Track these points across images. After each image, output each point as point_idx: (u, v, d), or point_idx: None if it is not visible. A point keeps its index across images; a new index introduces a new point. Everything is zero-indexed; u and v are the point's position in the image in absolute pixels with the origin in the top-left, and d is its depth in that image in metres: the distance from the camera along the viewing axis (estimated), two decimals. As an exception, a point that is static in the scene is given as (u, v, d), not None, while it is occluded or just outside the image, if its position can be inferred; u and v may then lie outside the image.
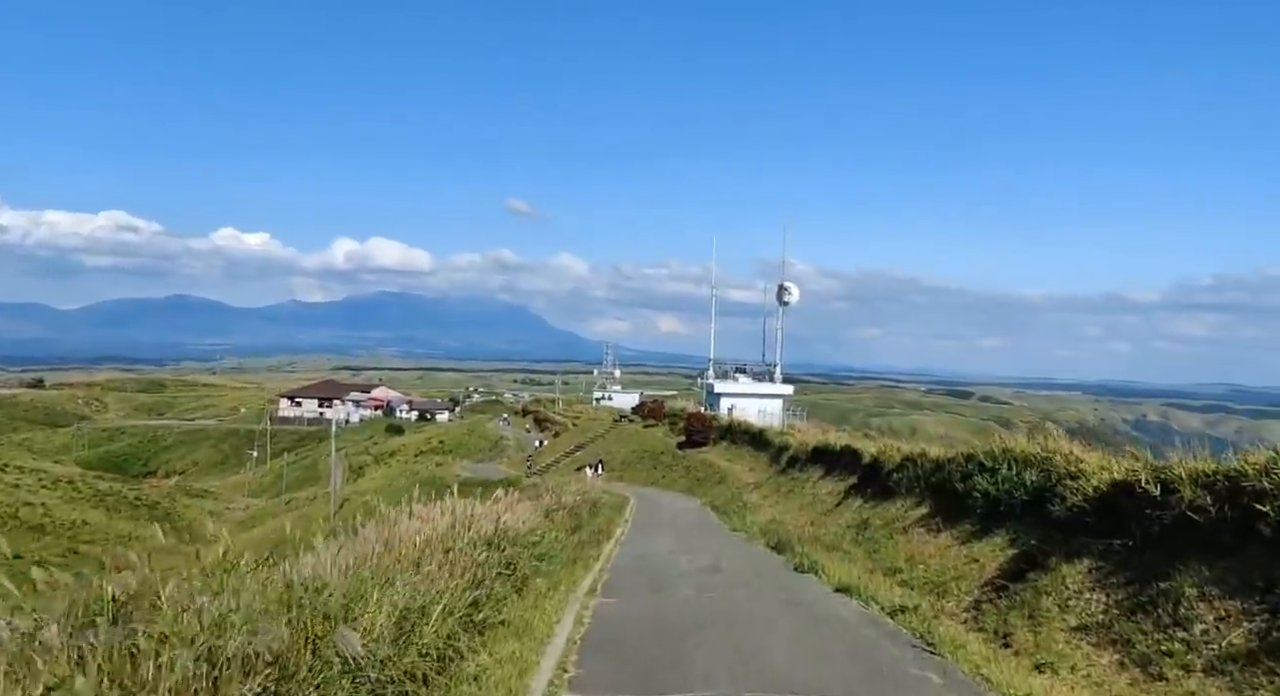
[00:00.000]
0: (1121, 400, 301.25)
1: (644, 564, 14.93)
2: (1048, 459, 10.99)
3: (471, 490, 47.40)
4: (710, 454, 45.44)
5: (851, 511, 20.20)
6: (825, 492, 24.48)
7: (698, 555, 16.02)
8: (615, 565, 14.69)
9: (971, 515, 12.69)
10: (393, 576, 6.71)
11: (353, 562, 7.04)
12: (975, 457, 13.54)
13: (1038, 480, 10.92)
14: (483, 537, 10.86)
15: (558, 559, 14.27)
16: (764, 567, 14.41)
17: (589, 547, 16.24)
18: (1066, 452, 10.81)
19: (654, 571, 13.79)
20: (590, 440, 62.36)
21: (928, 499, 15.53)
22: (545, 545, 14.57)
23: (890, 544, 15.08)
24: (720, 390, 60.65)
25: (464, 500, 12.61)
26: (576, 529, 23.18)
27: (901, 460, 18.14)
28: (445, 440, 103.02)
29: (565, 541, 18.15)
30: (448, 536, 9.67)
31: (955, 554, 11.88)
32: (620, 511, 29.79)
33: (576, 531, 22.68)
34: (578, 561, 14.22)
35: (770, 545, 17.69)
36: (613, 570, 14.00)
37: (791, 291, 63.95)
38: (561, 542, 17.31)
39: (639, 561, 15.28)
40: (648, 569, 14.17)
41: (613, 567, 14.32)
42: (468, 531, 10.13)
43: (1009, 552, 10.35)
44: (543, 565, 13.47)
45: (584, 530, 22.49)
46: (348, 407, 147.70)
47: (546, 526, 19.41)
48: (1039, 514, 10.39)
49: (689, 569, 13.96)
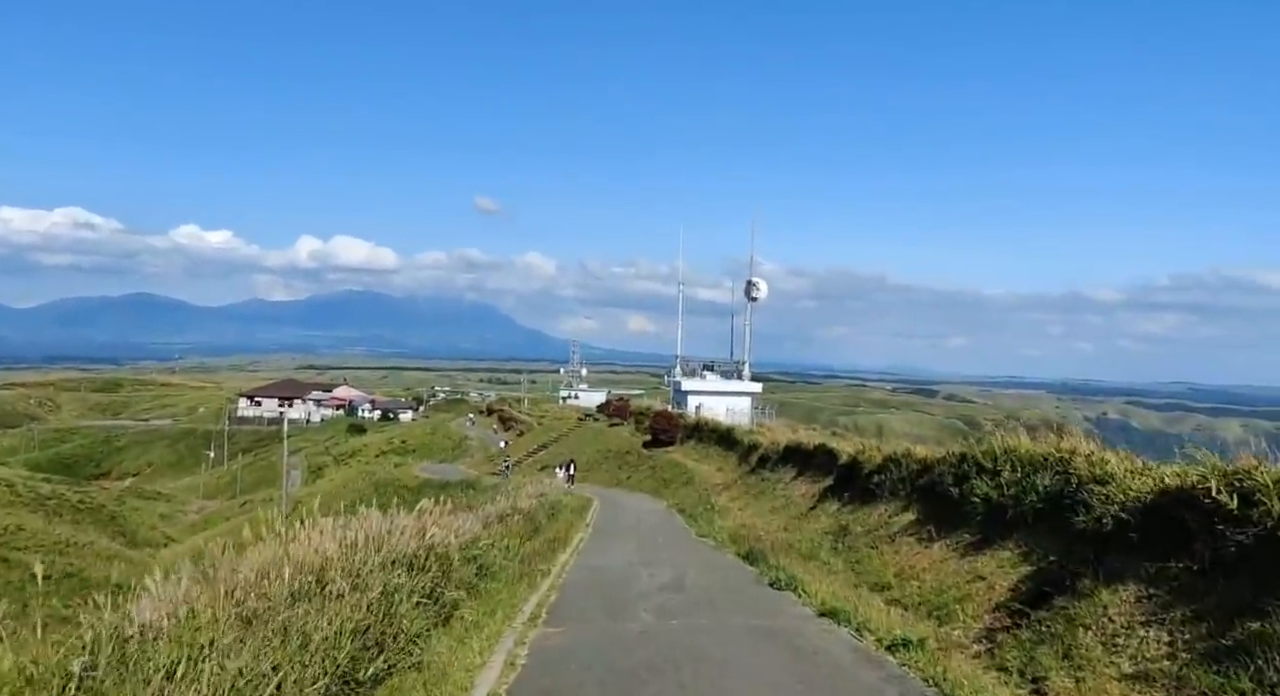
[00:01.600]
0: (1083, 398, 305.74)
1: (600, 579, 13.20)
2: (1064, 460, 9.48)
3: (428, 492, 45.25)
4: (677, 453, 43.90)
5: (828, 516, 18.68)
6: (799, 495, 22.98)
7: (661, 568, 14.34)
8: (568, 581, 12.94)
9: (969, 523, 11.15)
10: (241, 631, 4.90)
11: (195, 607, 5.22)
12: (971, 458, 12.01)
13: (1053, 484, 9.41)
14: (402, 558, 9.06)
15: (501, 576, 12.51)
16: (735, 583, 12.76)
17: (539, 561, 14.48)
18: (1087, 453, 9.29)
19: (610, 589, 12.07)
20: (553, 439, 60.49)
21: (915, 503, 14.00)
22: (488, 559, 12.81)
23: (875, 554, 13.51)
24: (688, 388, 59.34)
25: (383, 512, 10.85)
26: (533, 535, 21.46)
27: (883, 461, 16.62)
28: (408, 440, 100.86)
29: (516, 552, 16.40)
30: (350, 558, 7.86)
31: (954, 568, 10.33)
32: (581, 515, 28.10)
33: (533, 538, 20.97)
34: (524, 578, 12.46)
35: (741, 554, 16.07)
36: (564, 588, 12.26)
37: (760, 287, 62.85)
38: (511, 554, 15.55)
39: (595, 576, 13.55)
40: (603, 586, 12.44)
41: (564, 584, 12.57)
42: (377, 553, 8.33)
43: (1023, 570, 8.78)
44: (482, 585, 11.70)
45: (540, 537, 20.78)
46: (309, 407, 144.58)
47: (497, 534, 17.66)
48: (1056, 524, 8.87)
49: (649, 586, 12.26)
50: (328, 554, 7.28)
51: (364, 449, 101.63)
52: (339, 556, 7.65)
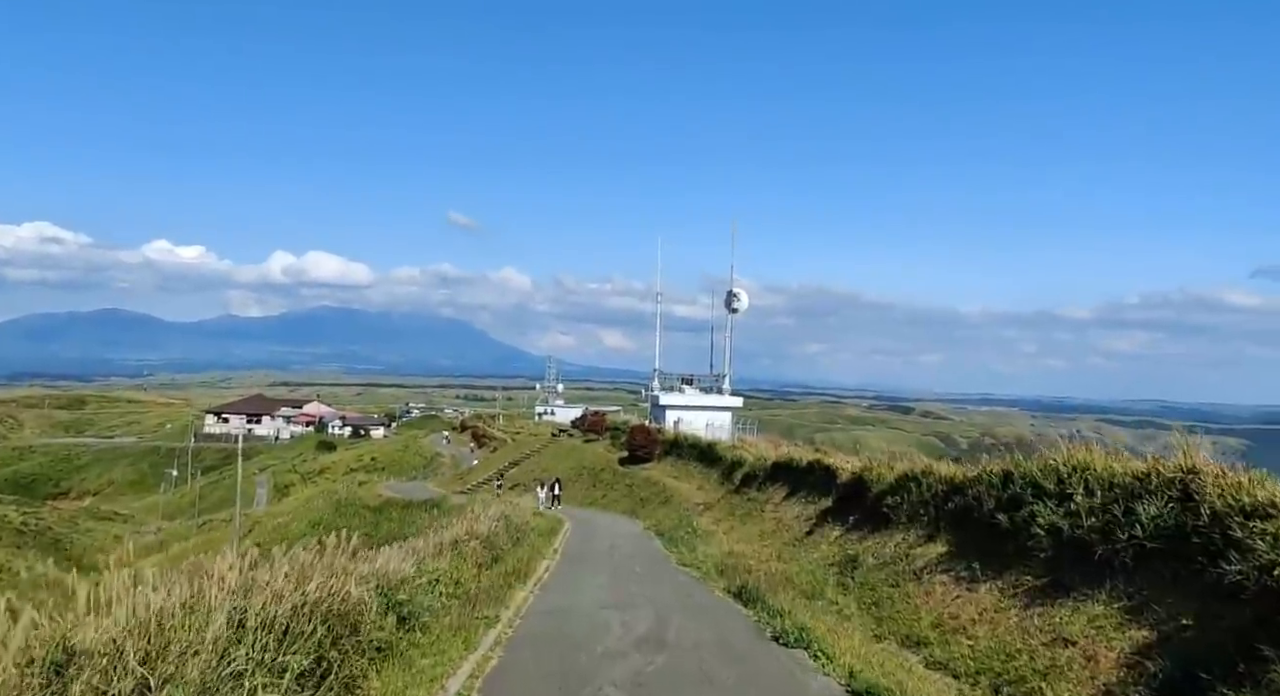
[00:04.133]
0: (1057, 415, 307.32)
1: (560, 629, 10.62)
2: (1180, 483, 7.13)
3: (390, 512, 41.90)
4: (655, 470, 41.40)
5: (830, 543, 16.24)
6: (791, 517, 20.55)
7: (638, 611, 11.80)
8: (519, 634, 10.32)
9: (1029, 561, 8.79)
10: None
11: None
12: (1023, 477, 9.65)
13: (1165, 515, 7.07)
14: (266, 623, 6.48)
15: (435, 627, 9.90)
16: (730, 635, 10.25)
17: (487, 603, 11.85)
18: (1216, 473, 6.93)
19: (571, 647, 9.52)
20: (525, 456, 57.70)
21: (945, 532, 11.61)
22: (418, 605, 10.19)
23: (897, 594, 11.07)
24: (666, 402, 56.95)
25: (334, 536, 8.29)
26: (492, 564, 18.85)
27: (898, 480, 14.24)
28: (378, 457, 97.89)
29: (463, 590, 13.79)
30: (165, 636, 5.27)
31: (1018, 622, 7.94)
32: (550, 539, 25.48)
33: (491, 568, 18.36)
34: (462, 630, 9.81)
35: (732, 591, 13.56)
36: (511, 645, 9.65)
37: (740, 298, 60.80)
38: (455, 593, 12.93)
39: (554, 624, 10.96)
40: (563, 641, 9.87)
41: (513, 639, 9.95)
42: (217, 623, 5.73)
43: (1135, 635, 6.39)
44: (405, 643, 9.10)
45: (498, 568, 18.15)
46: (278, 424, 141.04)
47: (443, 568, 15.03)
48: (1178, 570, 6.52)
49: (622, 642, 9.71)
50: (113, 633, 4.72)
51: (333, 466, 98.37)
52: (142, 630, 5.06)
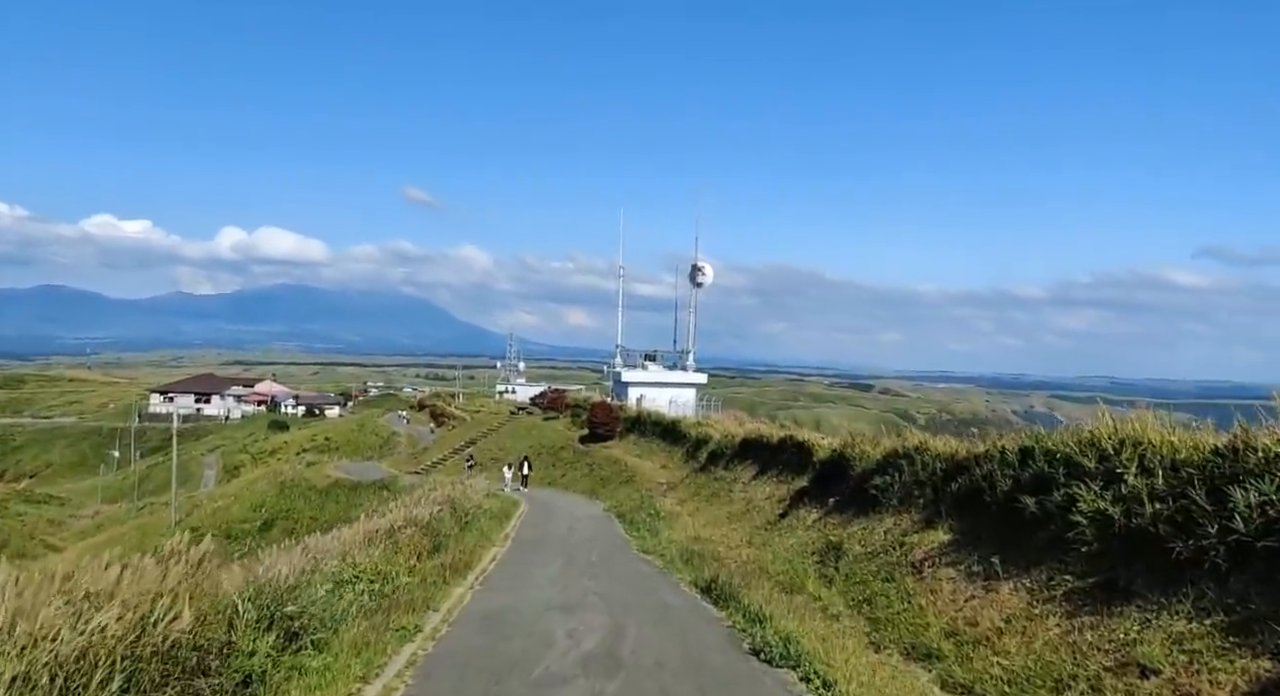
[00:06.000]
0: (1011, 392, 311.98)
1: (492, 644, 8.73)
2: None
3: (338, 493, 39.42)
4: (617, 449, 39.74)
5: (807, 527, 14.63)
6: (763, 498, 18.96)
7: (590, 613, 10.03)
8: (440, 652, 8.32)
9: (1068, 556, 7.19)
10: None
11: None
12: (1058, 453, 8.02)
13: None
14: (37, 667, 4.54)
15: (333, 644, 7.97)
16: (700, 649, 8.49)
17: (408, 611, 9.92)
18: None
19: (500, 671, 7.60)
20: (482, 435, 55.59)
21: (947, 517, 10.00)
22: (313, 616, 8.25)
23: (893, 590, 9.44)
24: (628, 379, 55.35)
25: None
26: (432, 554, 16.95)
27: (885, 457, 12.61)
28: (332, 437, 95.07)
29: (392, 585, 11.89)
30: None
31: (1063, 637, 6.35)
32: (502, 523, 23.67)
33: (431, 558, 16.48)
34: (366, 649, 7.86)
35: (700, 585, 11.86)
36: (425, 670, 7.56)
37: (705, 271, 59.34)
38: (372, 595, 11.03)
39: (487, 636, 9.08)
40: (493, 661, 7.97)
41: (429, 661, 7.93)
42: None
43: (1253, 666, 4.80)
44: (287, 664, 7.20)
45: (438, 558, 16.27)
46: (228, 403, 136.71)
47: (368, 562, 13.11)
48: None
49: (567, 660, 7.87)
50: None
51: (285, 446, 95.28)
52: None
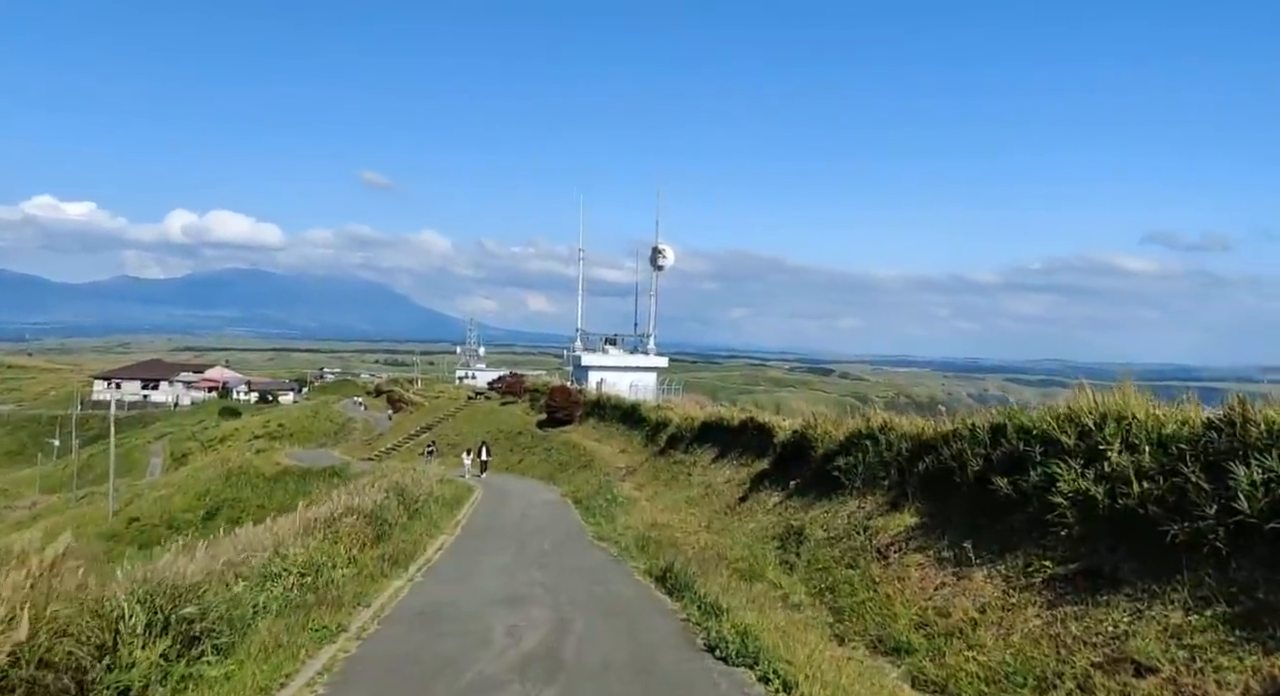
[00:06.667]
0: (967, 375, 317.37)
1: (423, 644, 7.89)
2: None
3: (287, 481, 38.05)
4: (575, 433, 39.04)
5: (767, 511, 14.09)
6: (722, 481, 18.42)
7: (535, 608, 9.32)
8: (363, 655, 7.33)
9: (1046, 539, 6.67)
10: None
11: None
12: (1034, 430, 7.50)
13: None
14: None
15: (240, 648, 7.13)
16: (650, 647, 7.82)
17: (336, 608, 9.10)
18: None
19: (427, 676, 6.73)
20: (438, 420, 54.47)
21: (914, 500, 9.48)
22: (224, 613, 7.41)
23: (859, 578, 8.89)
24: (588, 363, 54.64)
25: None
26: (376, 543, 16.10)
27: (848, 438, 12.07)
28: (286, 423, 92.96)
29: (324, 579, 11.06)
30: None
31: (1044, 629, 5.82)
32: (454, 510, 22.86)
33: (375, 547, 15.64)
34: (276, 654, 6.99)
35: (655, 574, 11.23)
36: (342, 676, 6.60)
37: (666, 254, 58.77)
38: (314, 584, 10.21)
39: (419, 635, 8.28)
40: (420, 665, 7.04)
41: (349, 664, 6.87)
42: None
43: (1263, 665, 4.29)
44: (181, 672, 6.38)
45: (381, 547, 15.43)
46: (176, 390, 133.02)
47: (302, 552, 12.25)
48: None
49: (502, 663, 7.08)
50: None
51: (236, 433, 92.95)
52: None
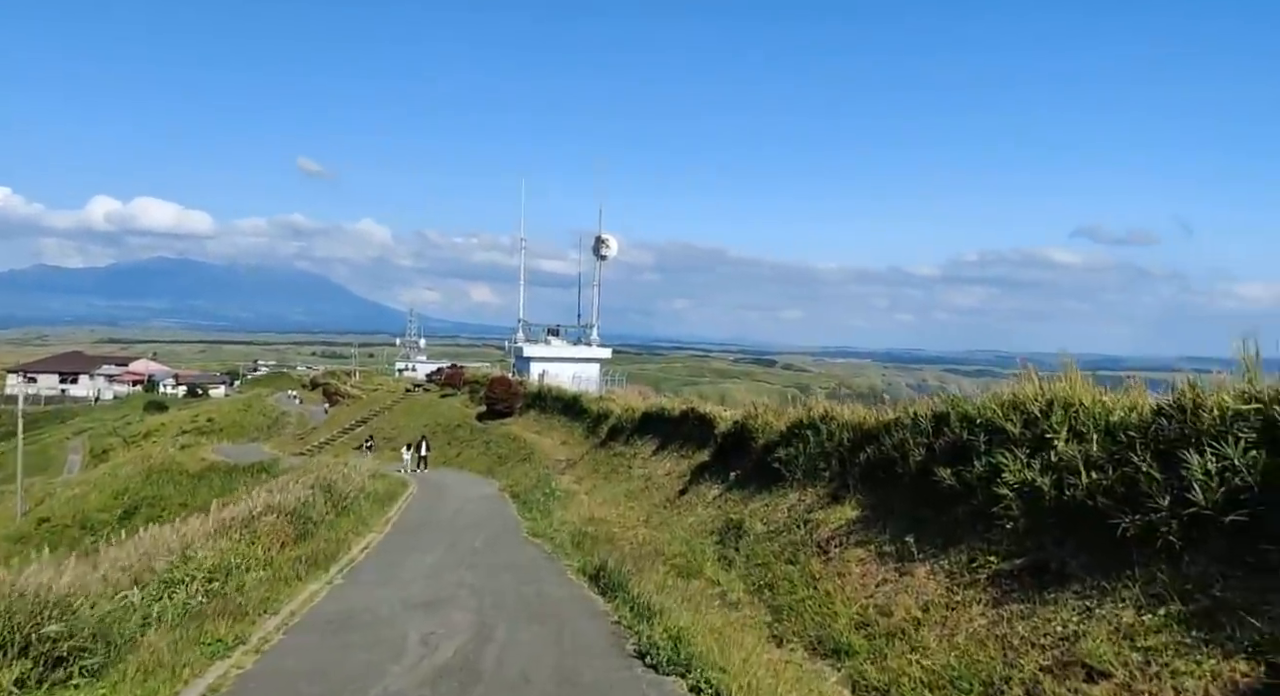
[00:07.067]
0: (906, 366, 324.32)
1: (328, 657, 7.21)
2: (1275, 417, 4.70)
3: (213, 477, 36.41)
4: (516, 425, 38.31)
5: (707, 503, 13.70)
6: (663, 473, 18.01)
7: (455, 613, 8.72)
8: (256, 671, 6.48)
9: (991, 533, 6.36)
10: None
11: None
12: (979, 418, 7.19)
13: (1249, 469, 4.65)
14: None
15: (113, 670, 6.37)
16: (576, 655, 7.29)
17: (232, 620, 8.30)
18: None
19: (330, 692, 6.20)
20: (374, 414, 53.04)
21: (856, 492, 9.15)
22: (102, 628, 6.65)
23: (798, 575, 8.53)
24: (530, 354, 53.72)
25: None
26: (298, 543, 15.26)
27: (790, 428, 11.73)
28: (216, 418, 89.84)
29: (235, 583, 10.27)
30: None
31: (990, 629, 5.49)
32: (385, 506, 22.00)
33: (297, 546, 14.80)
34: (154, 675, 6.22)
35: (589, 573, 10.73)
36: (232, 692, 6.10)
37: (609, 244, 58.09)
38: (222, 589, 9.43)
39: (325, 647, 7.60)
40: (320, 682, 6.48)
41: (240, 683, 6.17)
42: None
43: (1223, 670, 3.96)
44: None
45: (305, 546, 14.61)
46: (98, 383, 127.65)
47: (210, 554, 11.43)
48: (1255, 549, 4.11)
49: (412, 677, 6.37)
50: None
51: (162, 428, 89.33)
52: None
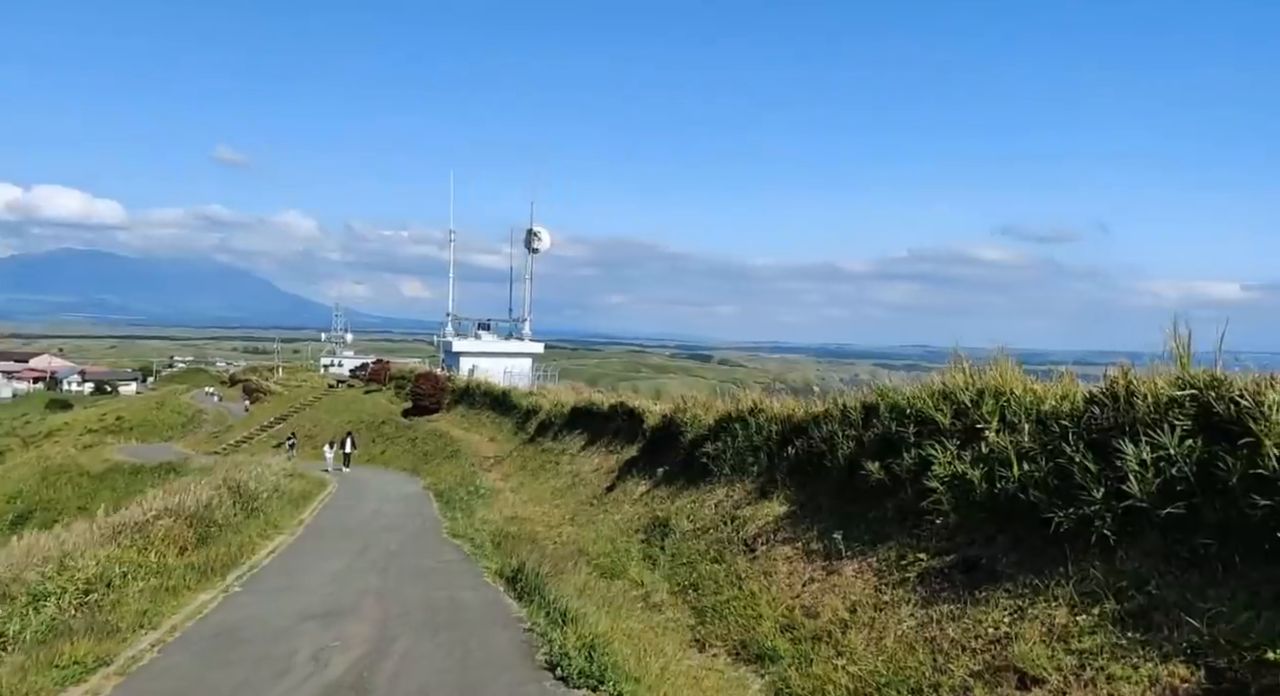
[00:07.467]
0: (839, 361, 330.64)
1: (202, 678, 6.48)
2: (1208, 404, 4.48)
3: (115, 479, 34.36)
4: (443, 421, 37.32)
5: (634, 500, 13.29)
6: (590, 470, 17.54)
7: (354, 624, 8.09)
8: (119, 694, 6.03)
9: (920, 528, 6.10)
10: None
11: None
12: (909, 408, 6.92)
13: (1185, 460, 4.43)
14: None
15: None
16: (482, 668, 6.76)
17: (97, 638, 7.49)
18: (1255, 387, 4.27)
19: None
20: (295, 410, 51.13)
21: (784, 487, 8.85)
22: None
23: (724, 574, 8.17)
24: (460, 349, 52.49)
25: None
26: (198, 547, 14.26)
27: (718, 421, 11.39)
28: (125, 416, 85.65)
29: (115, 596, 9.39)
30: None
31: (919, 631, 5.21)
32: (300, 507, 20.98)
33: (197, 551, 13.81)
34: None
35: (506, 575, 10.18)
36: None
37: (542, 237, 57.27)
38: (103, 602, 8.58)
39: (206, 661, 6.87)
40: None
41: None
42: None
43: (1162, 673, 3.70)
44: None
45: (206, 551, 13.64)
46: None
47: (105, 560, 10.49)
48: (1222, 552, 3.92)
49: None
50: None
51: (66, 428, 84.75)
52: None
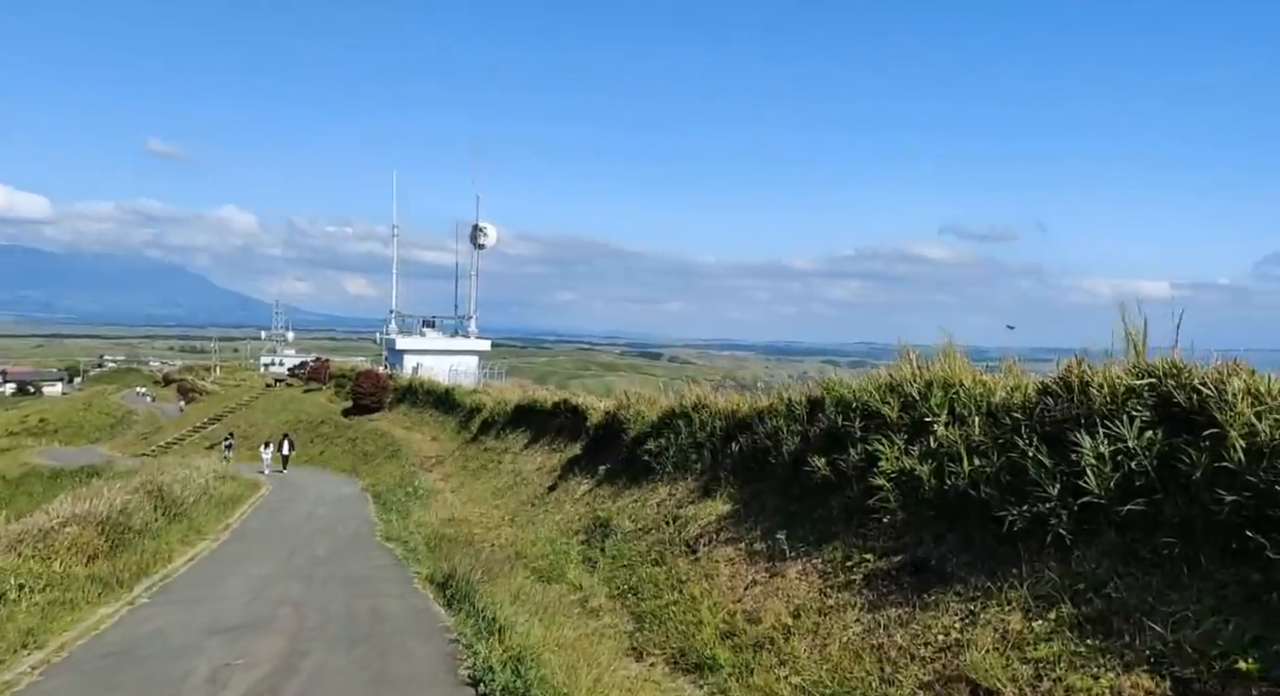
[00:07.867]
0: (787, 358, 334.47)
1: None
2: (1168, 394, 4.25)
3: (32, 484, 32.63)
4: (384, 421, 36.38)
5: (575, 500, 12.88)
6: (533, 469, 17.06)
7: (264, 639, 7.51)
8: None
9: (867, 528, 5.83)
10: None
11: None
12: (855, 402, 6.64)
13: (1145, 454, 4.21)
14: None
15: None
16: (396, 683, 6.27)
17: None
18: (1243, 379, 4.04)
19: None
20: (230, 410, 49.40)
21: (727, 485, 8.53)
22: None
23: (664, 577, 7.82)
24: (403, 347, 51.35)
25: None
26: (111, 554, 13.40)
27: (661, 418, 11.04)
28: (50, 418, 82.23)
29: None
30: None
31: (865, 637, 4.93)
32: (229, 510, 20.07)
33: (110, 559, 12.97)
34: None
35: (438, 581, 9.68)
36: None
37: (487, 232, 56.41)
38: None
39: (89, 685, 6.27)
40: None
41: None
42: None
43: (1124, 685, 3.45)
44: None
45: (118, 559, 12.81)
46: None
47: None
48: (1188, 552, 3.67)
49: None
50: None
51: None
52: None
